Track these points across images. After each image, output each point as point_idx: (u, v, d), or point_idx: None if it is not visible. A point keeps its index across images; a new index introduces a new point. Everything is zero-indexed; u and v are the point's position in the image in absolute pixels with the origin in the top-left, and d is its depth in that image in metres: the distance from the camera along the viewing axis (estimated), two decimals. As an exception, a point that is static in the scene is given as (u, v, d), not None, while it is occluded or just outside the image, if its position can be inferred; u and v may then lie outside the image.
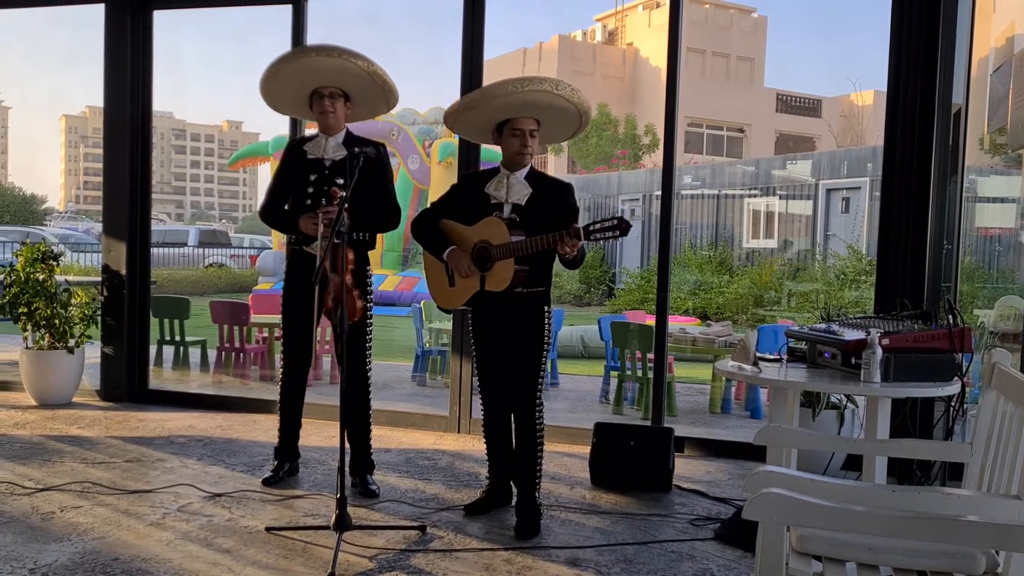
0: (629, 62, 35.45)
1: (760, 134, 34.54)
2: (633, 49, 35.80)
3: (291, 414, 4.42)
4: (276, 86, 4.24)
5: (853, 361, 3.37)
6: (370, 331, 4.25)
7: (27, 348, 6.13)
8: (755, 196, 18.08)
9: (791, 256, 16.87)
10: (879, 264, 4.79)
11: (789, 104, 36.00)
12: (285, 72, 4.16)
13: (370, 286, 4.25)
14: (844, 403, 4.78)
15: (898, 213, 4.66)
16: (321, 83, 4.15)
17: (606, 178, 21.70)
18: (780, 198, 17.66)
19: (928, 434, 4.45)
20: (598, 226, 3.49)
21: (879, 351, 3.22)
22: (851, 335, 3.42)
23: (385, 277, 15.59)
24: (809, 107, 36.31)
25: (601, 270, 18.60)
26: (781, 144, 34.40)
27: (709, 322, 10.45)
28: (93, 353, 6.40)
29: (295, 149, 4.30)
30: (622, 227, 3.44)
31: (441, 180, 15.83)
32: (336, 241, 3.59)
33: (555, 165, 31.69)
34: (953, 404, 3.83)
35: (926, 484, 4.29)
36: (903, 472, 4.54)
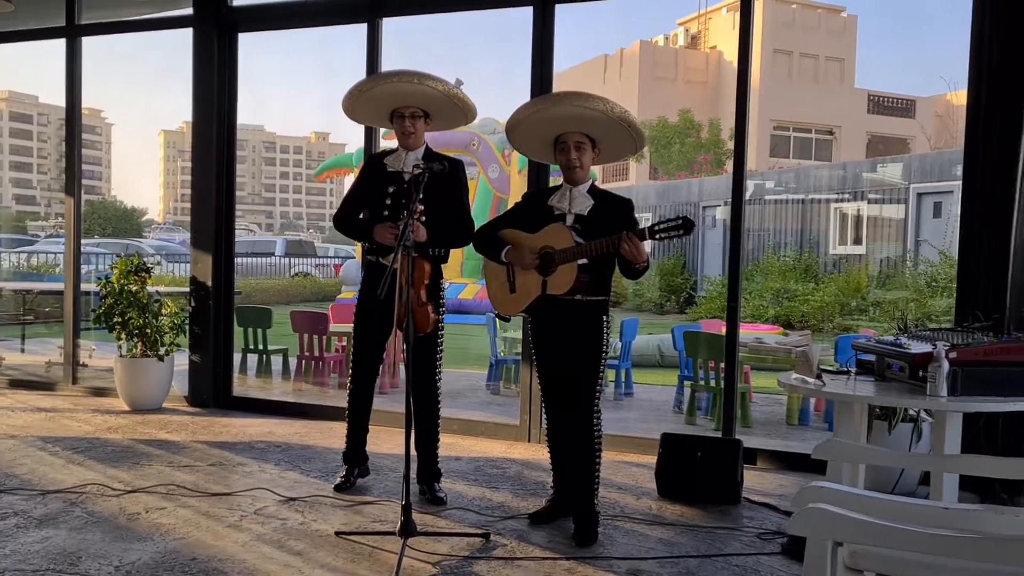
0: (712, 66, 34.93)
1: (851, 136, 33.56)
2: (716, 52, 35.27)
3: (358, 420, 4.54)
4: (357, 105, 4.42)
5: (920, 374, 3.29)
6: (440, 342, 4.34)
7: (121, 356, 6.46)
8: (844, 200, 17.62)
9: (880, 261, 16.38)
10: (959, 273, 4.65)
11: (881, 105, 34.87)
12: (366, 96, 4.32)
13: (443, 299, 4.34)
14: (921, 416, 4.65)
15: (980, 220, 4.52)
16: (402, 104, 4.29)
17: (687, 184, 21.48)
18: (870, 202, 17.17)
19: (1017, 451, 4.28)
20: (663, 225, 3.49)
21: (945, 364, 3.14)
22: (918, 348, 3.34)
23: (464, 286, 15.79)
24: (902, 107, 35.10)
25: (682, 277, 18.42)
26: (872, 146, 33.35)
27: (789, 332, 10.26)
28: (183, 361, 6.70)
29: (376, 162, 4.43)
30: (687, 226, 3.44)
31: (520, 189, 15.89)
32: (404, 254, 3.67)
33: (637, 172, 31.47)
34: (1033, 419, 3.69)
35: (1012, 503, 4.14)
36: (984, 490, 4.38)
